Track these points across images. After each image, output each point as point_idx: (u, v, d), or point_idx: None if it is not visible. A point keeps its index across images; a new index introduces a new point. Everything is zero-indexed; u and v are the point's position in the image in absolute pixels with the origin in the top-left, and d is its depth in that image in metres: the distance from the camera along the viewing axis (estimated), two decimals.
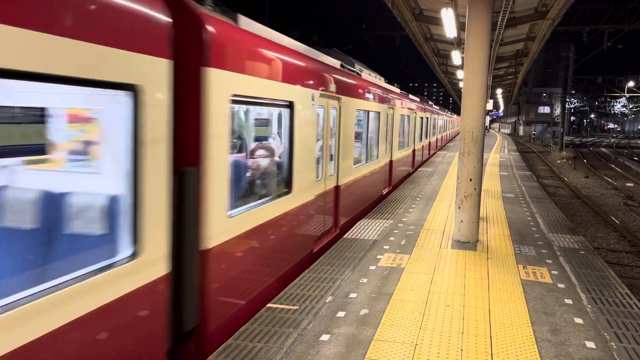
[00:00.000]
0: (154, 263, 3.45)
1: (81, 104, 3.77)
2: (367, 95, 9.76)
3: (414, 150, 17.84)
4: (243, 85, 4.57)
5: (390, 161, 13.21)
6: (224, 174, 4.29)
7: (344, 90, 8.09)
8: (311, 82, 6.45)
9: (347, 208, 8.66)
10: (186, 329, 3.94)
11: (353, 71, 9.20)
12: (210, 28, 3.97)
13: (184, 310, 3.90)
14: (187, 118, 3.91)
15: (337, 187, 8.01)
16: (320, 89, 6.84)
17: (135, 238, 3.29)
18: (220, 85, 4.15)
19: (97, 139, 3.84)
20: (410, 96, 17.53)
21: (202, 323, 4.07)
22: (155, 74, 3.36)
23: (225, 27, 4.30)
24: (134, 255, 3.26)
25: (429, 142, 23.22)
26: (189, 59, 3.88)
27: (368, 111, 10.17)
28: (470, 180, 7.41)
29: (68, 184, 3.76)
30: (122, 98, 3.19)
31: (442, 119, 32.45)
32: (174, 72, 3.66)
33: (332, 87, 7.43)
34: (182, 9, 3.88)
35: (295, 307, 4.80)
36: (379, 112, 11.11)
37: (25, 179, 3.94)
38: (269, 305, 4.85)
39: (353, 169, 9.00)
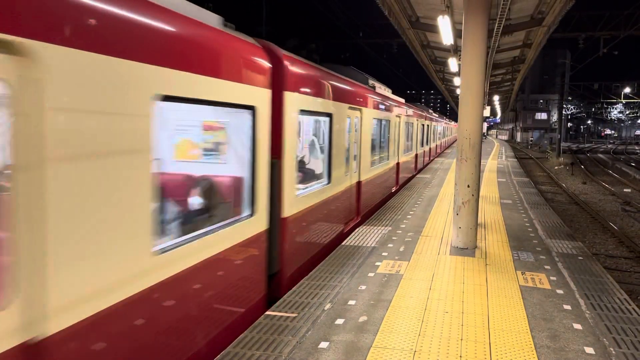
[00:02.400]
0: (260, 220, 5.15)
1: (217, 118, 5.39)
2: (380, 106, 11.44)
3: (416, 155, 19.21)
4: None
5: (398, 163, 14.59)
6: (293, 165, 5.89)
7: (364, 103, 9.76)
8: (344, 97, 8.19)
9: (365, 200, 10.33)
10: (271, 272, 5.58)
11: (368, 86, 10.98)
12: (287, 65, 5.68)
13: (272, 257, 5.56)
14: (275, 126, 5.52)
15: (359, 182, 9.67)
16: (349, 102, 8.57)
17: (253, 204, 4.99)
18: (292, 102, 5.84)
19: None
20: (413, 105, 18.61)
21: (281, 269, 5.76)
22: (262, 99, 5.09)
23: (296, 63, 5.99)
24: (251, 215, 4.96)
25: (429, 148, 23.92)
26: (277, 87, 5.54)
27: (381, 120, 11.80)
28: (468, 186, 7.42)
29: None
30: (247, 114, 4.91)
31: (441, 125, 33.00)
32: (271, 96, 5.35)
33: (356, 100, 9.09)
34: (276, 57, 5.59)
35: (294, 315, 4.78)
36: (389, 121, 12.79)
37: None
38: (267, 312, 4.84)
39: (370, 168, 10.68)
